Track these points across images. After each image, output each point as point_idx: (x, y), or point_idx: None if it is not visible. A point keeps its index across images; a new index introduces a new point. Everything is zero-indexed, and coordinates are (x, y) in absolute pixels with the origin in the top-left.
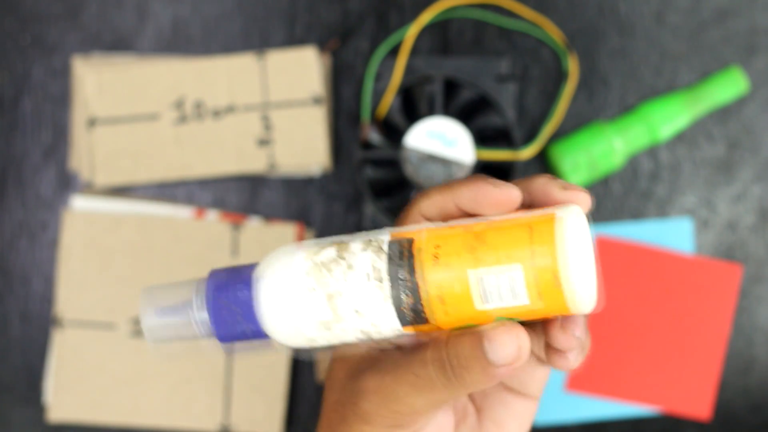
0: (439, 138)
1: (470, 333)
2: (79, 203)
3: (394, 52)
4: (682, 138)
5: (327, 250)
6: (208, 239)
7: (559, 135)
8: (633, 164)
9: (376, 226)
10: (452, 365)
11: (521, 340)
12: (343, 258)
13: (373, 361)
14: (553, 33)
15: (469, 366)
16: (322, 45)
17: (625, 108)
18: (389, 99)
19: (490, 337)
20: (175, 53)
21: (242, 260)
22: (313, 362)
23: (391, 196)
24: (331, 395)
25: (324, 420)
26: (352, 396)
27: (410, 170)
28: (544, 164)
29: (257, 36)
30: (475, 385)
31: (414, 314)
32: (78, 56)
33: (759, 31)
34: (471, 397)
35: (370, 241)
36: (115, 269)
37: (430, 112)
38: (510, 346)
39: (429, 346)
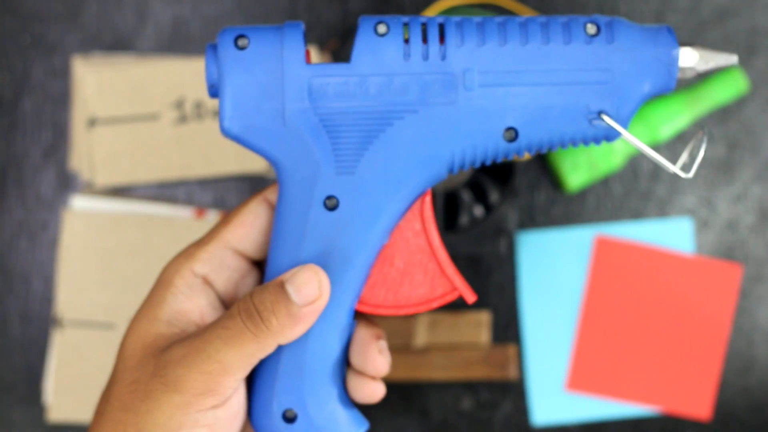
0: None
1: (272, 283)
2: (79, 203)
3: None
4: (682, 138)
5: None
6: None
7: None
8: (633, 164)
9: None
10: (259, 311)
11: (321, 277)
12: None
13: (177, 337)
14: None
15: (275, 310)
16: (322, 45)
17: None
18: None
19: (291, 279)
20: (175, 53)
21: None
22: None
23: None
24: (125, 377)
25: (114, 404)
26: (158, 369)
27: None
28: (544, 164)
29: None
30: (283, 331)
31: None
32: (78, 56)
33: (759, 31)
34: None
35: None
36: (115, 269)
37: None
38: (311, 285)
39: (234, 306)
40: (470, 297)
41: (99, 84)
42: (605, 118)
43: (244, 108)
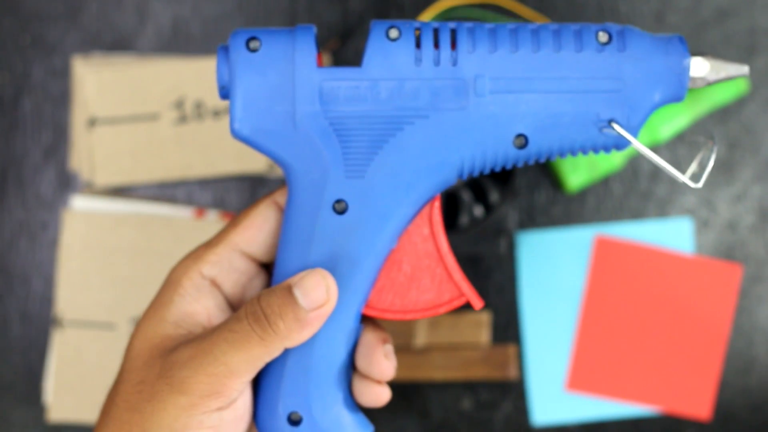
0: None
1: (280, 286)
2: (79, 203)
3: None
4: (682, 138)
5: None
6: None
7: None
8: (633, 164)
9: None
10: (266, 314)
11: (328, 281)
12: None
13: (184, 338)
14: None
15: (283, 313)
16: (322, 45)
17: None
18: None
19: (299, 283)
20: (175, 53)
21: None
22: None
23: None
24: (132, 377)
25: (119, 404)
26: (164, 370)
27: None
28: (544, 164)
29: None
30: (290, 335)
31: None
32: (78, 56)
33: (759, 31)
34: None
35: None
36: (115, 269)
37: None
38: (319, 289)
39: (241, 309)
40: (477, 303)
41: (99, 84)
42: (615, 126)
43: (255, 110)
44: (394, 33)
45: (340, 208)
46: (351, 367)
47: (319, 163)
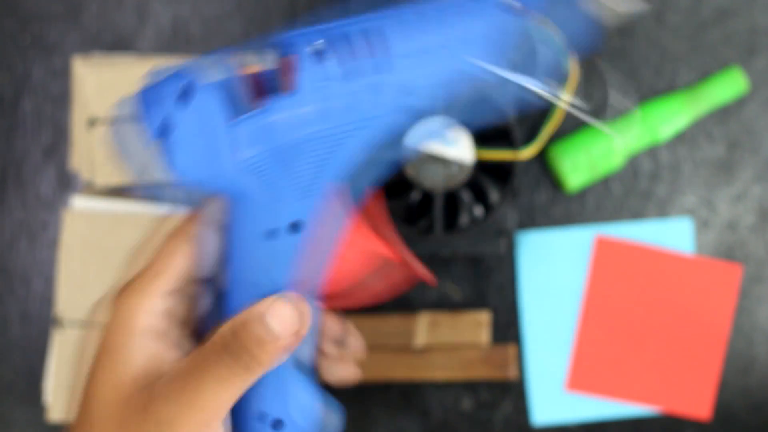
0: (440, 138)
1: (252, 317)
2: (79, 203)
3: None
4: (682, 138)
5: None
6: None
7: (559, 135)
8: (633, 164)
9: None
10: (247, 349)
11: (300, 306)
12: None
13: (154, 377)
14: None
15: (262, 345)
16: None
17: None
18: None
19: (270, 312)
20: (175, 53)
21: None
22: None
23: (391, 197)
24: (107, 424)
25: None
26: (149, 412)
27: (411, 171)
28: (544, 165)
29: (257, 36)
30: (272, 361)
31: None
32: (78, 56)
33: (759, 31)
34: None
35: None
36: (115, 269)
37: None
38: (292, 316)
39: (217, 341)
40: (427, 276)
41: (99, 84)
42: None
43: (195, 159)
44: (313, 49)
45: (295, 227)
46: (314, 356)
47: (269, 194)
